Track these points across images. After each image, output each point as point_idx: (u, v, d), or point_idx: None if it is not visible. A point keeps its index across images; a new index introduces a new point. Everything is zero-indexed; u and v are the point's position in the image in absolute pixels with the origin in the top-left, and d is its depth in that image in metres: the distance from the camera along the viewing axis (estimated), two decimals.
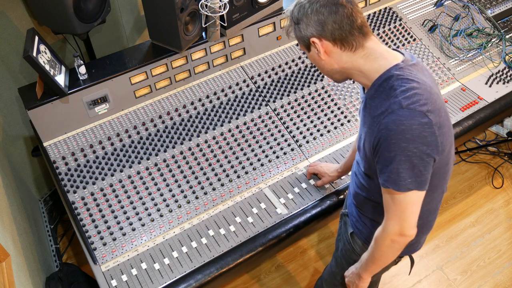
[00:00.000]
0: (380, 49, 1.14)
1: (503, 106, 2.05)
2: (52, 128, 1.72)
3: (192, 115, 1.86)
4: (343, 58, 1.14)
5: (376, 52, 1.13)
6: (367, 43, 1.13)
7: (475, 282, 2.21)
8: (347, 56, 1.14)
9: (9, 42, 1.86)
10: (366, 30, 1.13)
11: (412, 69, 1.12)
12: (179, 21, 1.72)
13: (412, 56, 1.18)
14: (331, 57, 1.15)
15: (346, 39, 1.10)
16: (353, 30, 1.10)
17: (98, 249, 1.52)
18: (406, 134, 1.04)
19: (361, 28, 1.11)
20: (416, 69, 1.12)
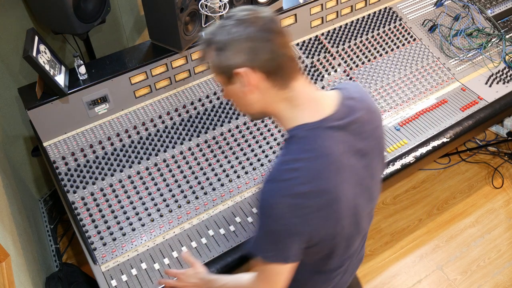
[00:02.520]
0: (305, 94, 0.98)
1: (503, 106, 2.05)
2: (52, 128, 1.72)
3: (192, 115, 1.86)
4: (268, 96, 0.98)
5: (301, 96, 0.98)
6: (294, 83, 0.97)
7: (475, 282, 2.21)
8: (273, 95, 0.98)
9: (9, 42, 1.86)
10: (297, 66, 0.98)
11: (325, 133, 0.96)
12: (179, 21, 1.72)
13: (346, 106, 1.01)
14: (256, 93, 0.97)
15: (278, 72, 0.95)
16: (286, 63, 0.95)
17: (98, 249, 1.52)
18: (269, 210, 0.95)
19: (293, 62, 0.97)
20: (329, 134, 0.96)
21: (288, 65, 0.96)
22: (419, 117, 1.97)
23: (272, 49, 0.93)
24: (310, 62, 2.08)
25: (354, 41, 2.20)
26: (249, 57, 0.93)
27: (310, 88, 1.01)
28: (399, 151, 1.83)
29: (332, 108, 1.00)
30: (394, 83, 2.09)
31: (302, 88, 0.99)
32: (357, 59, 2.14)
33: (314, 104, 0.99)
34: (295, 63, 0.98)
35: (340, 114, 1.00)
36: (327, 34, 2.20)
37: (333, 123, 0.98)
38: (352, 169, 1.01)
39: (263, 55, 0.93)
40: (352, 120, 1.00)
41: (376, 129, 1.09)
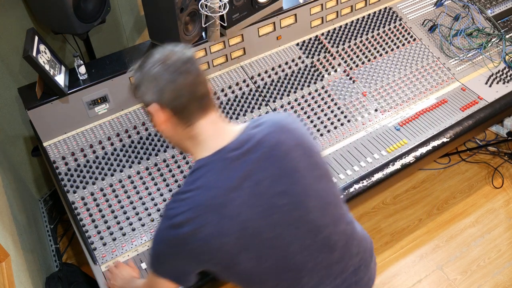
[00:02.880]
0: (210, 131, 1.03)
1: (503, 106, 2.05)
2: (52, 128, 1.72)
3: None
4: (177, 133, 1.05)
5: (204, 133, 1.03)
6: (201, 122, 1.03)
7: (475, 282, 2.21)
8: (180, 132, 1.04)
9: (9, 42, 1.86)
10: (207, 103, 1.03)
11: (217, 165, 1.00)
12: (179, 21, 1.72)
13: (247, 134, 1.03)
14: (168, 128, 1.05)
15: (183, 111, 1.01)
16: (191, 102, 1.00)
17: (98, 249, 1.52)
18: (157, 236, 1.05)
19: (202, 100, 1.02)
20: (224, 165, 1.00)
21: (193, 105, 1.01)
22: (419, 117, 1.97)
23: (176, 89, 0.99)
24: (310, 62, 2.09)
25: (354, 41, 2.20)
26: (156, 96, 1.00)
27: (216, 125, 1.05)
28: (399, 151, 1.83)
29: (229, 140, 1.04)
30: (394, 83, 2.09)
31: (207, 126, 1.04)
32: (357, 59, 2.14)
33: (215, 140, 1.03)
34: (204, 102, 1.03)
35: (236, 145, 1.03)
36: (327, 34, 2.20)
37: (227, 155, 1.01)
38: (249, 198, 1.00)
39: (168, 94, 0.99)
40: (250, 148, 1.02)
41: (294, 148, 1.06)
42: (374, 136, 1.89)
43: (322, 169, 1.12)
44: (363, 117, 1.96)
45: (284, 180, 1.03)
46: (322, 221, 1.09)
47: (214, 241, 0.98)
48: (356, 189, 1.71)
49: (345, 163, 1.79)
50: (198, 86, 1.02)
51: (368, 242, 1.29)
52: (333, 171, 1.76)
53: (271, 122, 1.08)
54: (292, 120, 1.13)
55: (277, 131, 1.06)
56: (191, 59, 1.03)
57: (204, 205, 0.98)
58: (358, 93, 2.03)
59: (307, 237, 1.07)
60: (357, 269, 1.21)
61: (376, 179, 1.75)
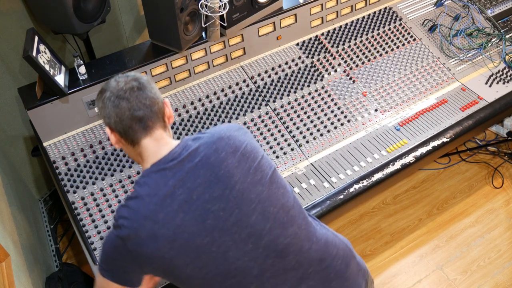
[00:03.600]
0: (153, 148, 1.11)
1: (503, 106, 2.05)
2: (52, 128, 1.72)
3: (192, 115, 1.86)
4: (129, 152, 1.16)
5: (148, 151, 1.11)
6: (144, 141, 1.11)
7: (475, 282, 2.21)
8: (130, 150, 1.15)
9: (9, 42, 1.86)
10: (149, 124, 1.10)
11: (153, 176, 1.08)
12: (179, 21, 1.72)
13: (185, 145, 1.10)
14: (122, 146, 1.16)
15: (127, 133, 1.10)
16: (133, 124, 1.09)
17: (98, 249, 1.52)
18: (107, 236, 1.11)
19: (143, 122, 1.09)
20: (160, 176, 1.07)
21: (135, 127, 1.09)
22: (419, 117, 1.97)
23: (118, 114, 1.08)
24: (310, 62, 2.09)
25: (354, 41, 2.19)
26: (106, 120, 1.12)
27: (159, 142, 1.11)
28: (399, 151, 1.83)
29: (168, 151, 1.10)
30: (394, 83, 2.09)
31: (150, 144, 1.11)
32: (357, 59, 2.14)
33: (156, 154, 1.10)
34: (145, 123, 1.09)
35: (172, 155, 1.09)
36: (327, 34, 2.20)
37: (164, 165, 1.08)
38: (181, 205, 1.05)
39: (112, 119, 1.09)
40: (185, 157, 1.08)
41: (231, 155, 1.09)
42: (374, 136, 1.89)
43: (264, 174, 1.11)
44: (363, 117, 1.96)
45: (219, 185, 1.06)
46: (264, 225, 1.08)
47: (149, 245, 1.04)
48: (356, 189, 1.71)
49: (345, 163, 1.79)
50: (138, 111, 1.08)
51: (341, 249, 1.22)
52: (333, 171, 1.76)
53: (209, 133, 1.14)
54: (232, 128, 1.16)
55: (214, 140, 1.11)
56: (137, 86, 1.10)
57: (140, 212, 1.05)
58: (358, 93, 2.03)
59: (247, 241, 1.07)
60: (326, 278, 1.17)
61: (376, 179, 1.75)
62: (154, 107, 1.11)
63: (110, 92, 1.10)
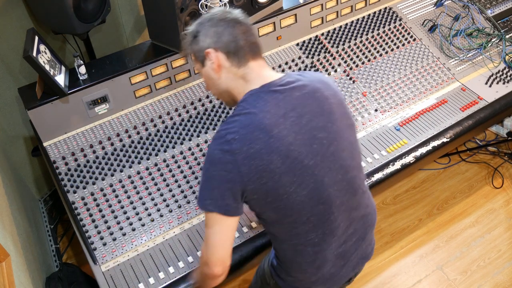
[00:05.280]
0: (258, 72, 1.17)
1: (503, 106, 2.05)
2: (52, 128, 1.72)
3: (192, 115, 1.86)
4: (230, 75, 1.17)
5: (253, 73, 1.17)
6: (251, 63, 1.16)
7: (475, 282, 2.21)
8: (233, 73, 1.17)
9: (9, 42, 1.86)
10: (257, 51, 1.18)
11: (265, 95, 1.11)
12: (179, 21, 1.72)
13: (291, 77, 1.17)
14: (222, 72, 1.18)
15: (238, 53, 1.15)
16: (245, 46, 1.15)
17: (98, 249, 1.52)
18: (209, 157, 1.10)
19: (253, 47, 1.17)
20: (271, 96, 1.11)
21: (246, 49, 1.16)
22: (419, 117, 1.98)
23: (232, 33, 1.15)
24: (310, 62, 2.09)
25: (354, 41, 2.20)
26: (214, 39, 1.16)
27: (263, 68, 1.18)
28: (399, 151, 1.83)
29: (274, 78, 1.16)
30: (394, 83, 2.09)
31: (257, 68, 1.17)
32: (357, 59, 2.14)
33: (262, 78, 1.16)
34: (254, 48, 1.17)
35: (282, 82, 1.14)
36: (327, 34, 2.20)
37: (274, 88, 1.13)
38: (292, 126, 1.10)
39: (225, 38, 1.15)
40: (294, 86, 1.14)
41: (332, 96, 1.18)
42: (374, 136, 1.89)
43: (351, 121, 1.25)
44: (363, 117, 1.96)
45: (323, 118, 1.15)
46: (351, 162, 1.20)
47: (263, 157, 1.06)
48: None
49: None
50: (251, 35, 1.17)
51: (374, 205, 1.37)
52: None
53: (311, 74, 1.22)
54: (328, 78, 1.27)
55: (318, 81, 1.19)
56: (244, 16, 1.19)
57: (254, 125, 1.07)
58: (358, 93, 2.03)
59: (339, 172, 1.17)
60: (364, 224, 1.30)
61: (376, 179, 1.75)
62: (258, 39, 1.20)
63: (221, 16, 1.16)
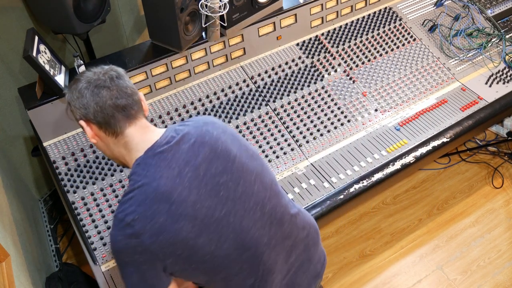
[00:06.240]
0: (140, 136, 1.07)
1: (503, 106, 2.05)
2: (52, 128, 1.72)
3: (192, 115, 1.86)
4: (109, 144, 1.10)
5: (134, 139, 1.07)
6: (128, 130, 1.07)
7: (475, 282, 2.21)
8: (111, 142, 1.09)
9: (9, 42, 1.86)
10: (133, 113, 1.07)
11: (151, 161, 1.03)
12: (179, 21, 1.72)
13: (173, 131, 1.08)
14: (100, 141, 1.10)
15: (109, 123, 1.05)
16: (115, 113, 1.05)
17: (98, 249, 1.52)
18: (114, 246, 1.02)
19: (126, 111, 1.06)
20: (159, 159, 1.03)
21: (118, 115, 1.05)
22: (419, 117, 1.97)
23: (98, 102, 1.04)
24: (310, 62, 2.09)
25: (354, 41, 2.20)
26: (82, 111, 1.07)
27: (144, 130, 1.09)
28: (399, 151, 1.83)
29: (157, 137, 1.07)
30: (394, 83, 2.09)
31: (136, 132, 1.08)
32: (357, 59, 2.14)
33: (145, 141, 1.07)
34: (128, 111, 1.06)
35: (164, 139, 1.07)
36: (327, 34, 2.20)
37: (159, 149, 1.05)
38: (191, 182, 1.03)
39: (91, 109, 1.05)
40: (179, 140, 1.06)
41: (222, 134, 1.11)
42: (374, 136, 1.89)
43: (251, 151, 1.17)
44: (363, 117, 1.96)
45: (220, 161, 1.08)
46: (265, 193, 1.13)
47: (169, 229, 1.00)
48: (356, 189, 1.71)
49: (345, 163, 1.79)
50: (120, 99, 1.05)
51: (311, 219, 1.32)
52: (333, 171, 1.76)
53: (192, 120, 1.15)
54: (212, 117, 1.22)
55: (202, 124, 1.12)
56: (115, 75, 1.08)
57: (150, 198, 1.00)
58: (358, 93, 2.03)
59: (255, 210, 1.11)
60: (307, 246, 1.25)
61: (376, 179, 1.75)
62: (135, 96, 1.09)
63: (87, 81, 1.06)
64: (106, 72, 1.08)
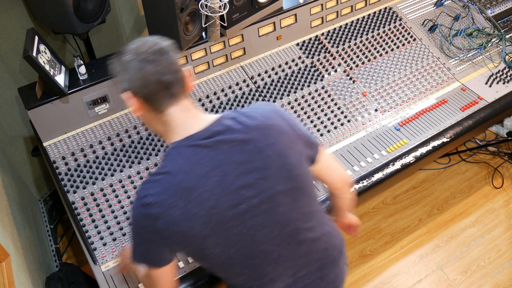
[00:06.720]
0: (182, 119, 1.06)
1: (503, 106, 2.05)
2: (52, 128, 1.72)
3: None
4: (151, 119, 1.09)
5: (175, 120, 1.06)
6: (171, 109, 1.05)
7: (475, 282, 2.21)
8: (153, 118, 1.08)
9: (9, 42, 1.86)
10: (177, 91, 1.05)
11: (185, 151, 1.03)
12: (179, 21, 1.72)
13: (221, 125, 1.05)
14: (144, 114, 1.09)
15: (152, 99, 1.04)
16: (160, 90, 1.03)
17: (98, 249, 1.52)
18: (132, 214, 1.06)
19: (169, 89, 1.03)
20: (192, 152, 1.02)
21: (161, 93, 1.03)
22: (419, 117, 1.97)
23: (143, 77, 1.02)
24: (310, 62, 2.09)
25: (354, 41, 2.19)
26: (128, 84, 1.05)
27: (188, 113, 1.07)
28: (399, 151, 1.83)
29: (201, 127, 1.06)
30: (394, 83, 2.09)
31: (178, 113, 1.06)
32: (357, 59, 2.14)
33: (186, 126, 1.06)
34: (172, 90, 1.04)
35: (207, 133, 1.05)
36: (327, 34, 2.20)
37: (197, 142, 1.04)
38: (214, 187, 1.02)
39: (137, 82, 1.03)
40: (221, 139, 1.04)
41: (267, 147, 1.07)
42: (374, 136, 1.89)
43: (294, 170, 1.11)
44: (363, 117, 1.96)
45: (254, 174, 1.05)
46: (291, 215, 1.12)
47: (182, 224, 1.01)
48: (356, 189, 1.71)
49: (345, 163, 1.79)
50: (165, 75, 1.02)
51: (339, 239, 1.29)
52: None
53: (251, 115, 1.09)
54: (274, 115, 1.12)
55: (253, 128, 1.07)
56: (162, 49, 1.05)
57: (173, 189, 1.01)
58: (358, 93, 2.03)
59: (274, 228, 1.10)
60: (323, 265, 1.23)
61: (376, 179, 1.75)
62: (180, 74, 1.06)
63: (133, 54, 1.03)
64: (155, 44, 1.05)
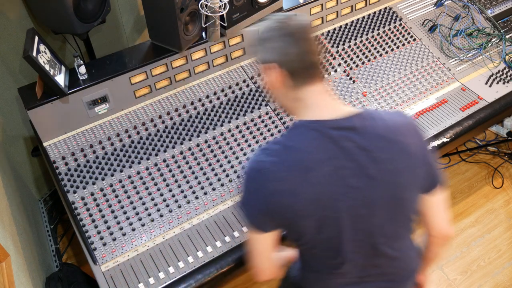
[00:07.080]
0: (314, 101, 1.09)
1: (503, 106, 2.05)
2: (52, 128, 1.72)
3: (192, 115, 1.86)
4: (289, 93, 1.10)
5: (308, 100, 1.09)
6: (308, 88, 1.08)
7: (475, 282, 2.21)
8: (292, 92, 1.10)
9: (9, 42, 1.86)
10: (316, 72, 1.08)
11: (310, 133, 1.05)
12: (179, 21, 1.72)
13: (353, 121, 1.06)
14: (282, 87, 1.10)
15: (297, 74, 1.07)
16: (306, 67, 1.07)
17: (98, 249, 1.52)
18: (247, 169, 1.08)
19: (312, 68, 1.07)
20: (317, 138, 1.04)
21: (310, 70, 1.07)
22: (419, 117, 1.97)
23: (298, 53, 1.05)
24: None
25: (354, 41, 2.20)
26: (279, 56, 1.06)
27: (322, 96, 1.10)
28: None
29: (333, 116, 1.07)
30: (394, 83, 2.09)
31: (314, 94, 1.09)
32: (357, 59, 2.14)
33: (319, 109, 1.09)
34: (317, 70, 1.08)
35: (337, 124, 1.06)
36: (327, 34, 2.20)
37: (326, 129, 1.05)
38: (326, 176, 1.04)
39: (290, 56, 1.05)
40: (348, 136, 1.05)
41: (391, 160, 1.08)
42: None
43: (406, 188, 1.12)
44: None
45: (364, 180, 1.06)
46: (381, 230, 1.13)
47: (288, 197, 1.04)
48: None
49: None
50: (313, 55, 1.07)
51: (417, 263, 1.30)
52: None
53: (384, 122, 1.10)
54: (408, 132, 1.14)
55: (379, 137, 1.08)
56: (309, 28, 1.09)
57: (291, 162, 1.04)
58: (358, 93, 2.03)
59: (361, 234, 1.11)
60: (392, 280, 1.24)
61: None
62: (318, 56, 1.09)
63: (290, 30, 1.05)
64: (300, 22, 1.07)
